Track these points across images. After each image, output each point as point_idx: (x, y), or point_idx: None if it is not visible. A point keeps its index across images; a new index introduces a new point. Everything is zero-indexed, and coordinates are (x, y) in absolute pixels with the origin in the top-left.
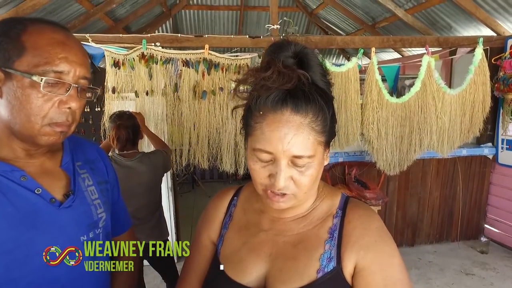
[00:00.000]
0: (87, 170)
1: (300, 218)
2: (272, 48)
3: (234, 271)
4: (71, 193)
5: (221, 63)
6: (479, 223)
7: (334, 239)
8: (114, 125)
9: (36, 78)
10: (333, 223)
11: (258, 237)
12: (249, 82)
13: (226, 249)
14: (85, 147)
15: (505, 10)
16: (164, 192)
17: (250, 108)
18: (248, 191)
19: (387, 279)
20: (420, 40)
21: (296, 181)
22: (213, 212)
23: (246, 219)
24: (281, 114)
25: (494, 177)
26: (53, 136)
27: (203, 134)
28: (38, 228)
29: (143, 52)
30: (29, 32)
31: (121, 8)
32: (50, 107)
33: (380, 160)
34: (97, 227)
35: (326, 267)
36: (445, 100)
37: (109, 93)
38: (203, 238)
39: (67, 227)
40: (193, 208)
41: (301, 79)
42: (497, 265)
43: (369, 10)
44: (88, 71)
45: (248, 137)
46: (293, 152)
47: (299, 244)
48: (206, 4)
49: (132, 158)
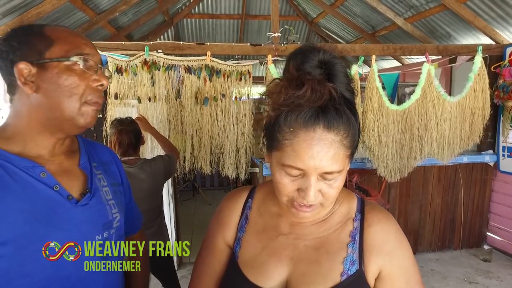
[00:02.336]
0: (101, 172)
1: (320, 222)
2: (299, 57)
3: (255, 275)
4: (88, 191)
5: (222, 70)
6: (482, 230)
7: (356, 242)
8: (115, 130)
9: (75, 58)
10: (353, 226)
11: (277, 241)
12: (278, 96)
13: (245, 253)
14: (99, 149)
15: (504, 19)
16: (165, 200)
17: (277, 123)
18: (263, 193)
19: (409, 282)
20: (420, 48)
21: (325, 194)
22: (227, 214)
23: (263, 222)
24: (313, 132)
25: (495, 185)
26: (90, 115)
27: (205, 140)
28: (54, 225)
29: (146, 58)
30: (48, 29)
31: (123, 16)
32: (86, 85)
33: (381, 166)
34: (111, 227)
35: (350, 270)
36: (445, 107)
37: (112, 99)
38: (217, 241)
39: (83, 225)
40: (194, 215)
41: (332, 94)
42: (500, 273)
43: (369, 19)
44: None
45: (275, 151)
46: (324, 169)
47: (320, 247)
48: (207, 12)
49: (133, 165)
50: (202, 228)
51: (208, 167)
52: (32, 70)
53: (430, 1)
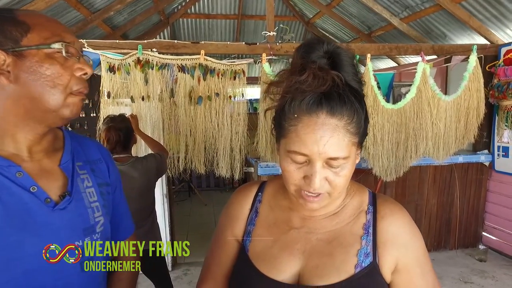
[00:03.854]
0: (87, 171)
1: (332, 216)
2: (304, 48)
3: (267, 268)
4: (67, 194)
5: (216, 69)
6: (477, 230)
7: (370, 234)
8: (105, 127)
9: (57, 45)
10: (366, 219)
11: (289, 235)
12: (283, 85)
13: (256, 247)
14: (87, 146)
15: (498, 20)
16: (159, 199)
17: (283, 110)
18: (273, 187)
19: (424, 271)
20: (415, 48)
21: (331, 182)
22: (237, 207)
23: (274, 216)
24: (316, 117)
25: (491, 184)
26: (76, 106)
27: (199, 140)
28: (28, 230)
29: (139, 57)
30: (21, 14)
31: (119, 15)
32: (70, 75)
33: (377, 166)
34: (94, 232)
35: (364, 262)
36: (440, 106)
37: (104, 98)
38: (226, 235)
39: (61, 230)
40: (189, 216)
41: (335, 81)
42: (496, 273)
43: (365, 19)
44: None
45: (281, 139)
46: (328, 154)
47: (333, 241)
48: (204, 12)
49: (124, 163)
50: (197, 229)
51: (202, 167)
52: (7, 59)
53: (425, 1)
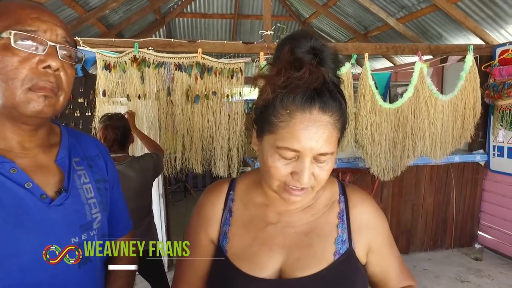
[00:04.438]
0: (84, 167)
1: (306, 208)
2: (291, 42)
3: (249, 267)
4: (63, 190)
5: (214, 67)
6: (473, 230)
7: (344, 222)
8: (102, 125)
9: (4, 34)
10: (340, 208)
11: (267, 231)
12: (277, 79)
13: (235, 246)
14: (85, 142)
15: (493, 20)
16: (155, 199)
17: (274, 106)
18: (245, 184)
19: (391, 246)
20: (412, 48)
21: (317, 177)
22: (209, 208)
23: (249, 214)
24: (309, 114)
25: (486, 184)
26: (37, 102)
27: (197, 139)
28: (24, 227)
29: (135, 55)
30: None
31: (114, 14)
32: (28, 69)
33: (374, 165)
34: (91, 228)
35: (341, 249)
36: (437, 106)
37: (100, 97)
38: (201, 238)
39: (57, 227)
40: (185, 216)
41: (325, 78)
42: (491, 272)
43: (362, 19)
44: (70, 36)
45: (267, 135)
46: (319, 150)
47: (311, 232)
48: (200, 12)
49: (121, 162)
50: None
51: (199, 166)
52: None
53: (422, 1)
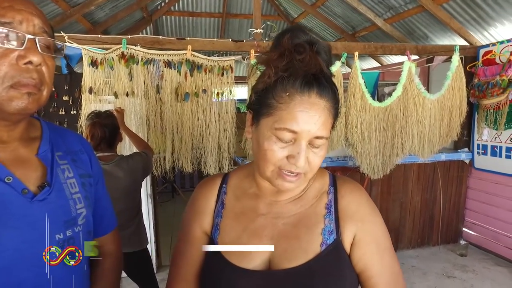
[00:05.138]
0: (68, 161)
1: (296, 199)
2: (288, 33)
3: (238, 258)
4: (46, 184)
5: (204, 65)
6: (458, 226)
7: (332, 213)
8: (89, 122)
9: None
10: (328, 199)
11: (257, 222)
12: (279, 62)
13: (225, 238)
14: (68, 137)
15: (477, 22)
16: (143, 200)
17: (274, 87)
18: (237, 177)
19: (379, 247)
20: (400, 47)
21: (311, 162)
22: (202, 201)
23: (241, 206)
24: (308, 97)
25: (471, 181)
26: (21, 99)
27: (186, 137)
28: (4, 223)
29: (123, 51)
30: None
31: (100, 11)
32: (7, 65)
33: (364, 163)
34: (76, 224)
35: (328, 240)
36: (425, 104)
37: (86, 94)
38: (194, 230)
39: (40, 222)
40: (173, 216)
41: (322, 66)
42: (476, 267)
43: (350, 19)
44: (47, 24)
45: (264, 118)
46: (316, 133)
47: (299, 223)
48: (188, 10)
49: (109, 162)
50: None
51: (189, 165)
52: None
53: (408, 2)
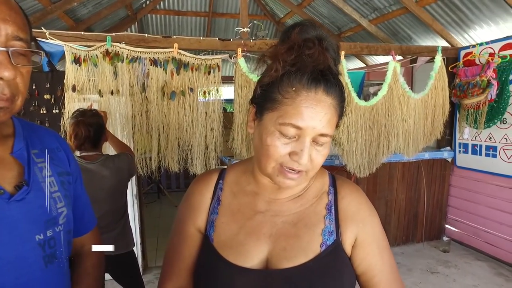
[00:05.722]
0: (45, 159)
1: (296, 198)
2: (298, 27)
3: (234, 256)
4: (24, 183)
5: (190, 63)
6: (441, 223)
7: (332, 214)
8: (73, 121)
9: None
10: (328, 199)
11: (255, 220)
12: (287, 56)
13: (221, 235)
14: (43, 134)
15: (457, 24)
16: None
17: (281, 81)
18: (235, 173)
19: (379, 247)
20: (385, 48)
21: (313, 160)
22: (198, 198)
23: (238, 203)
24: (314, 93)
25: (453, 179)
26: None
27: (173, 137)
28: None
29: (108, 49)
30: None
31: (82, 8)
32: None
33: (351, 162)
34: (57, 224)
35: (328, 240)
36: (410, 104)
37: (69, 92)
38: (188, 227)
39: (19, 223)
40: (159, 218)
41: (330, 63)
42: (458, 262)
43: (335, 20)
44: (23, 29)
45: (269, 112)
46: (320, 130)
47: (298, 222)
48: (173, 9)
49: (94, 161)
50: (168, 231)
51: (175, 165)
52: None
53: (393, 3)
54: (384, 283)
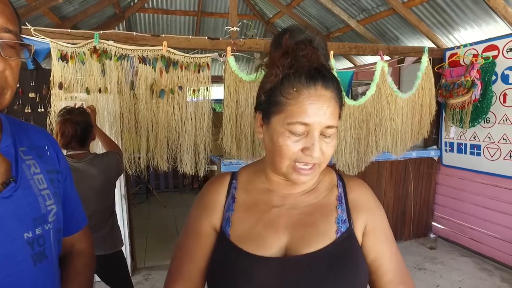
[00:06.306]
0: (33, 157)
1: (309, 192)
2: (288, 31)
3: (253, 247)
4: (12, 180)
5: (180, 61)
6: (428, 221)
7: (343, 204)
8: (60, 119)
9: None
10: (338, 191)
11: (271, 213)
12: (284, 61)
13: (238, 229)
14: (31, 132)
15: (443, 26)
16: (117, 201)
17: (282, 85)
18: (246, 174)
19: (387, 236)
20: (373, 48)
21: (324, 152)
22: (213, 197)
23: (252, 199)
24: (314, 90)
25: (439, 177)
26: None
27: (162, 135)
28: None
29: (95, 46)
30: None
31: (68, 5)
32: None
33: (340, 161)
34: (46, 221)
35: (342, 228)
36: (398, 103)
37: (56, 90)
38: (203, 225)
39: (6, 221)
40: (148, 219)
41: (322, 60)
42: (444, 258)
43: (324, 20)
44: (12, 21)
45: (275, 116)
46: (326, 123)
47: (314, 212)
48: (162, 8)
49: (81, 160)
50: (157, 232)
51: (164, 163)
52: None
53: (380, 4)
54: (393, 272)
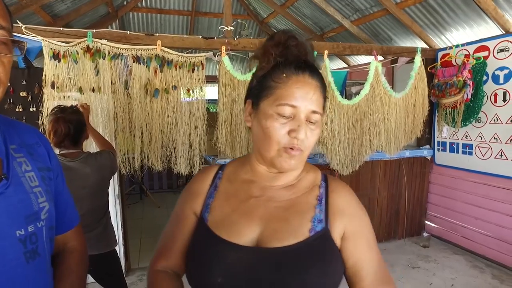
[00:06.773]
0: (24, 154)
1: (289, 187)
2: (281, 31)
3: (227, 234)
4: (3, 177)
5: (174, 60)
6: (421, 220)
7: (323, 205)
8: (53, 117)
9: None
10: (319, 191)
11: (249, 203)
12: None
13: (216, 216)
14: (22, 130)
15: (435, 26)
16: (111, 201)
17: (274, 71)
18: (233, 166)
19: (368, 241)
20: (366, 48)
21: (308, 138)
22: (197, 184)
23: (234, 188)
24: (302, 77)
25: (432, 177)
26: None
27: (156, 135)
28: None
29: (89, 45)
30: None
31: (61, 3)
32: None
33: (334, 160)
34: (38, 219)
35: (317, 227)
36: (391, 103)
37: (48, 89)
38: (186, 210)
39: None
40: (142, 219)
41: (308, 55)
42: (437, 257)
43: (318, 20)
44: (3, 17)
45: (265, 99)
46: (312, 107)
47: (290, 208)
48: (156, 7)
49: (74, 158)
50: (151, 232)
51: (159, 163)
52: None
53: (374, 5)
54: (372, 276)
